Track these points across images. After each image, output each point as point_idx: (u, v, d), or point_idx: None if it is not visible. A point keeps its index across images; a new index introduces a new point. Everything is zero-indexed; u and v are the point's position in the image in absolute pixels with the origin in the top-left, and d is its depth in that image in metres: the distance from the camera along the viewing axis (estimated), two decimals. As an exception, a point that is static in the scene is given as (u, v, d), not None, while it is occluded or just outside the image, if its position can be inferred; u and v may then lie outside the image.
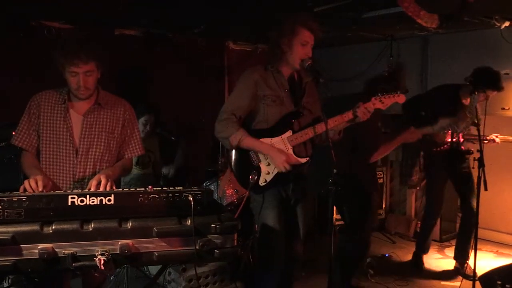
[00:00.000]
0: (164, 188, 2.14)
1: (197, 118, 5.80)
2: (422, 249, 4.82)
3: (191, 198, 2.10)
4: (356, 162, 3.71)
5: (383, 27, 5.46)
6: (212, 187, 4.64)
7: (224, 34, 6.11)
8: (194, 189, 2.14)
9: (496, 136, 4.48)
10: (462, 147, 4.45)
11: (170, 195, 2.07)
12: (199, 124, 5.72)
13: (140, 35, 5.54)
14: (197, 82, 6.07)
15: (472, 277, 3.70)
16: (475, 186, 3.80)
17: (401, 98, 2.96)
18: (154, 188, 2.13)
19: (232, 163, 3.01)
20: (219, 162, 4.85)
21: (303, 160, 2.96)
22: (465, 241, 4.49)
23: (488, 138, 4.45)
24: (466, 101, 4.27)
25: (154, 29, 5.54)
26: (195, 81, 6.04)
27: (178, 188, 2.15)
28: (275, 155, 2.87)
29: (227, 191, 4.53)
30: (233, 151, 2.98)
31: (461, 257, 4.55)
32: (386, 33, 5.91)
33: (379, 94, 2.94)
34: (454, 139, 4.39)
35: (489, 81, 4.17)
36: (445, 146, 4.40)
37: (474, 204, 4.28)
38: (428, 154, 4.60)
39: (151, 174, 4.59)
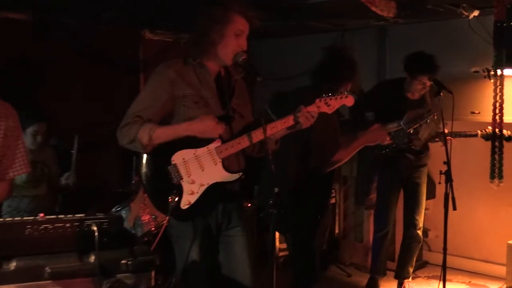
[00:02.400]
0: (60, 216, 2.08)
1: (105, 125, 5.66)
2: (376, 271, 4.98)
3: (96, 228, 2.05)
4: (309, 173, 3.77)
5: (333, 16, 5.61)
6: (123, 213, 4.53)
7: (139, 21, 6.05)
8: (99, 217, 2.10)
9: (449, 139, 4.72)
10: (412, 146, 4.68)
11: (68, 224, 2.01)
12: (107, 132, 5.58)
13: (29, 20, 5.39)
14: (105, 81, 5.99)
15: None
16: (422, 200, 3.96)
17: (349, 100, 3.01)
18: (47, 217, 2.06)
19: (145, 182, 2.96)
20: (133, 182, 4.78)
21: (236, 176, 2.95)
22: (406, 258, 4.86)
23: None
24: (413, 95, 4.55)
25: (48, 13, 5.40)
26: (102, 79, 5.96)
27: (79, 215, 2.09)
28: (198, 125, 2.84)
29: (142, 218, 4.47)
30: (145, 167, 2.92)
31: (401, 276, 4.91)
32: (337, 22, 6.07)
33: (324, 96, 2.99)
34: (400, 140, 4.61)
35: (421, 66, 4.43)
36: (390, 148, 4.62)
37: (418, 220, 4.72)
38: (370, 159, 4.86)
39: (45, 196, 4.48)
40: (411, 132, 4.44)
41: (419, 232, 4.81)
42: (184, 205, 2.88)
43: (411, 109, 4.48)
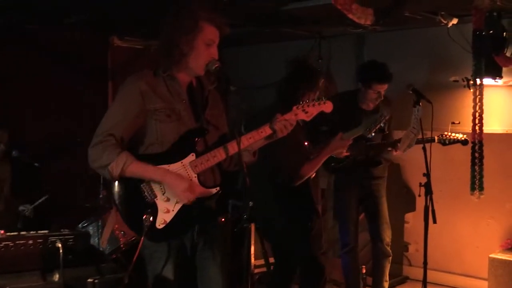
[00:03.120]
0: (22, 233, 2.09)
1: (70, 137, 5.62)
2: None
3: (60, 245, 2.07)
4: (275, 187, 3.82)
5: (309, 23, 5.65)
6: (90, 229, 4.45)
7: (107, 26, 6.04)
8: (64, 233, 2.12)
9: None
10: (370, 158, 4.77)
11: (31, 241, 2.01)
12: (73, 145, 5.56)
13: (-10, 25, 5.36)
14: (71, 89, 5.98)
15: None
16: (383, 213, 4.10)
17: (328, 106, 3.05)
18: (8, 233, 2.07)
19: (117, 201, 2.92)
20: (101, 196, 4.78)
21: (213, 191, 2.94)
22: (378, 274, 4.94)
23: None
24: (367, 106, 4.67)
25: (7, 17, 5.35)
26: (68, 88, 5.95)
27: (42, 232, 2.11)
28: (173, 182, 2.82)
29: (115, 233, 4.46)
30: (117, 185, 2.89)
31: None
32: (313, 29, 6.12)
33: (301, 102, 3.03)
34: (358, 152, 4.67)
35: (375, 73, 4.54)
36: (348, 160, 4.68)
37: (383, 234, 4.79)
38: (329, 172, 4.94)
39: (5, 212, 4.46)
40: (372, 135, 4.47)
41: (387, 247, 4.85)
42: (159, 224, 2.85)
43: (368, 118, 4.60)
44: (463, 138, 4.56)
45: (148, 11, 4.81)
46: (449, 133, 4.61)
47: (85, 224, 4.55)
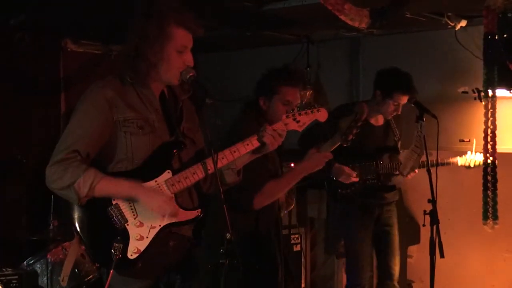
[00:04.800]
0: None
1: (12, 156, 5.58)
2: None
3: (1, 287, 2.05)
4: (238, 212, 3.71)
5: (295, 25, 5.70)
6: (37, 268, 4.42)
7: (58, 28, 6.04)
8: (6, 272, 2.09)
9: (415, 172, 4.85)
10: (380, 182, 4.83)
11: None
12: (16, 165, 5.51)
13: None
14: (15, 101, 5.96)
15: None
16: (395, 243, 4.16)
17: (322, 114, 3.10)
18: None
19: (79, 227, 2.92)
20: (51, 227, 4.72)
21: (194, 214, 2.94)
22: None
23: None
24: (377, 121, 4.75)
25: None
26: (11, 99, 5.94)
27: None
28: (149, 195, 2.83)
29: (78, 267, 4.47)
30: (78, 210, 2.89)
31: None
32: (300, 33, 6.18)
33: (291, 111, 3.06)
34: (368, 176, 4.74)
35: (400, 82, 4.59)
36: (356, 185, 4.73)
37: (395, 269, 4.82)
38: (334, 200, 4.95)
39: None
40: (350, 140, 4.46)
41: (396, 284, 4.87)
42: (131, 253, 2.84)
43: (377, 138, 4.70)
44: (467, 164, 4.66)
45: (107, 10, 4.81)
46: (473, 155, 4.76)
47: (31, 261, 4.50)
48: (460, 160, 4.89)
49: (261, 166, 3.74)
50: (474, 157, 4.84)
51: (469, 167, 4.85)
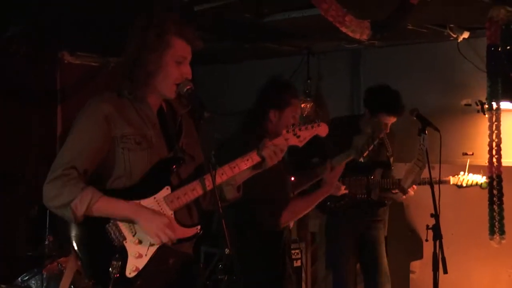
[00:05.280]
0: None
1: (11, 171, 5.58)
2: None
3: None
4: (248, 232, 3.74)
5: (295, 37, 5.71)
6: (32, 284, 4.48)
7: (56, 40, 6.04)
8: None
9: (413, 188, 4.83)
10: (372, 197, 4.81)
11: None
12: (14, 180, 5.51)
13: None
14: (11, 113, 5.97)
15: None
16: (383, 261, 4.17)
17: (323, 129, 3.10)
18: None
19: (76, 245, 2.90)
20: (46, 243, 4.71)
21: (193, 231, 2.92)
22: None
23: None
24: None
25: None
26: (7, 112, 5.94)
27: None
28: (149, 218, 2.81)
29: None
30: (75, 227, 2.87)
31: None
32: (301, 45, 6.18)
33: (292, 126, 3.05)
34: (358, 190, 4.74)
35: (382, 102, 4.61)
36: (346, 199, 4.70)
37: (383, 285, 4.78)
38: (322, 213, 4.98)
39: None
40: (366, 156, 4.45)
41: None
42: (130, 272, 2.82)
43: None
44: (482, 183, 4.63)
45: (105, 22, 4.83)
46: (465, 175, 4.69)
47: (26, 278, 4.56)
48: (452, 180, 4.84)
49: (286, 184, 3.86)
50: (466, 177, 4.79)
51: (461, 186, 4.80)
